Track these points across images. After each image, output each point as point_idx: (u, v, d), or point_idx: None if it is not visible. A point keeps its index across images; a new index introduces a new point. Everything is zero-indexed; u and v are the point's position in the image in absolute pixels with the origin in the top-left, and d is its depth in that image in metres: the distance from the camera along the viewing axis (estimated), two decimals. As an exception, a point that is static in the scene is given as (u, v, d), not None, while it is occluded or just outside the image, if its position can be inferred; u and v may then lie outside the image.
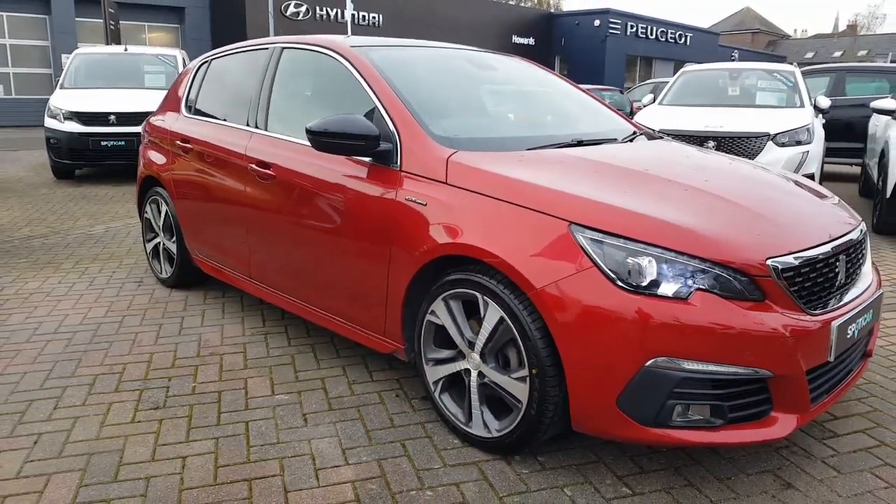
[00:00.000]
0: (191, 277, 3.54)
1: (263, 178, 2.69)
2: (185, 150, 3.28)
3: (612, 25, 25.32)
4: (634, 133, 2.81)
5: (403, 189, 2.14)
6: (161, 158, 3.52)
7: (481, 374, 1.97)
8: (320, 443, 2.05)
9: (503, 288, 1.84)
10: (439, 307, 2.04)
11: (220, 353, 2.76)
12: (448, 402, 2.10)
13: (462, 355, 2.02)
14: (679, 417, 1.70)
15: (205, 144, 3.12)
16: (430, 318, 2.08)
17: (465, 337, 2.00)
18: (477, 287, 1.91)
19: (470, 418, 2.01)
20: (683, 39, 28.73)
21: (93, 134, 7.16)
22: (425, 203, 2.06)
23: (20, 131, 14.70)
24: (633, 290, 1.67)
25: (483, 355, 1.95)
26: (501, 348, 1.92)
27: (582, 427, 1.80)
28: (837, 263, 1.93)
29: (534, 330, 1.77)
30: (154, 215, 3.66)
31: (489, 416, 1.97)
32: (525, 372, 1.82)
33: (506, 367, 1.93)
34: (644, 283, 1.68)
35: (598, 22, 25.35)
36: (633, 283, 1.68)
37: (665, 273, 1.68)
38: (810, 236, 1.90)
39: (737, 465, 1.96)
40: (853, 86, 8.38)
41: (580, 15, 26.58)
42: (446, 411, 2.09)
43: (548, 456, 1.98)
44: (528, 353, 1.79)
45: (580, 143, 2.43)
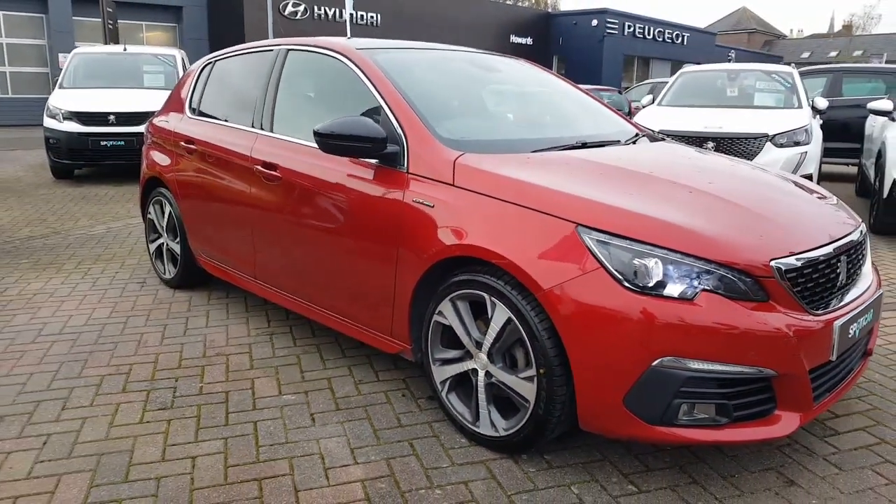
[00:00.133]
0: (194, 278, 3.55)
1: (269, 179, 2.70)
2: (189, 151, 3.29)
3: (609, 25, 25.38)
4: (637, 135, 2.83)
5: (410, 191, 2.16)
6: (165, 159, 3.53)
7: (489, 374, 1.99)
8: (329, 442, 2.07)
9: (511, 289, 1.86)
10: (446, 308, 2.06)
11: (225, 353, 2.78)
12: (455, 402, 2.12)
13: (469, 355, 2.05)
14: (685, 416, 1.72)
15: (209, 145, 3.14)
16: (437, 318, 2.10)
17: (473, 337, 2.02)
18: (484, 288, 1.93)
19: (477, 417, 2.04)
20: (680, 39, 28.81)
21: (92, 134, 7.16)
22: (433, 205, 2.08)
23: (17, 131, 14.64)
24: (639, 290, 1.70)
25: (490, 355, 1.97)
26: (509, 348, 1.94)
27: (589, 426, 1.83)
28: (839, 264, 1.96)
29: (541, 330, 1.80)
30: (157, 216, 3.67)
31: (496, 415, 1.99)
32: (532, 372, 1.84)
33: (513, 366, 1.95)
34: (650, 284, 1.70)
35: (595, 22, 25.41)
36: (640, 283, 1.70)
37: (671, 274, 1.71)
38: (812, 237, 1.92)
39: (740, 462, 1.99)
40: (850, 86, 8.43)
41: (578, 15, 26.63)
42: (453, 411, 2.11)
43: (554, 455, 2.01)
44: (536, 353, 1.82)
45: (584, 145, 2.45)
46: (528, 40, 25.54)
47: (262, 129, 2.87)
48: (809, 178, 5.35)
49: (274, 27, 16.19)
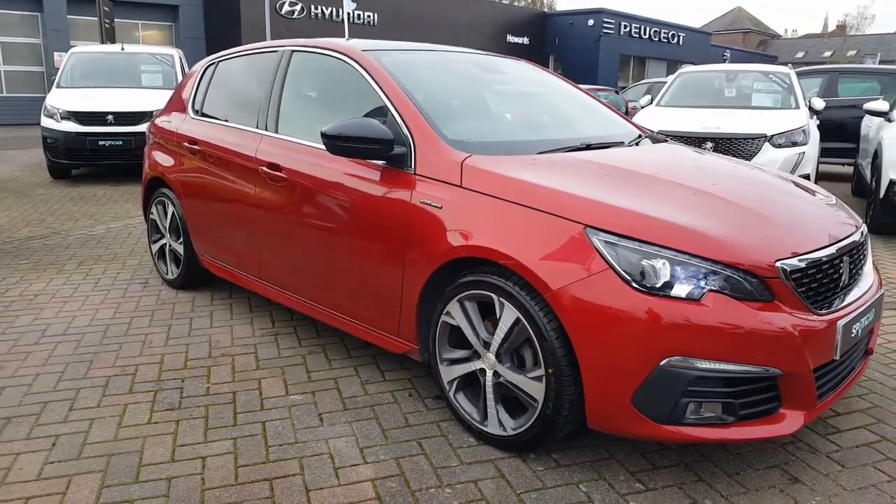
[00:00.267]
0: (197, 278, 3.56)
1: (274, 179, 2.71)
2: (192, 152, 3.29)
3: (605, 25, 25.43)
4: (639, 136, 2.86)
5: (418, 192, 2.17)
6: (167, 160, 3.53)
7: (497, 374, 2.01)
8: (337, 442, 2.08)
9: (519, 290, 1.88)
10: (454, 308, 2.08)
11: (231, 353, 2.79)
12: (463, 402, 2.14)
13: (477, 355, 2.06)
14: (692, 415, 1.75)
15: (213, 146, 3.14)
16: (445, 318, 2.12)
17: (481, 337, 2.04)
18: (492, 288, 1.95)
19: (485, 417, 2.05)
20: (676, 39, 28.90)
21: (90, 133, 7.13)
22: (440, 206, 2.10)
23: (12, 130, 14.56)
24: (647, 291, 1.72)
25: (499, 355, 1.99)
26: (517, 348, 1.96)
27: (597, 425, 1.85)
28: (841, 264, 1.99)
29: (550, 330, 1.81)
30: (160, 216, 3.67)
31: (504, 414, 2.01)
32: (541, 371, 1.86)
33: (521, 366, 1.97)
34: (658, 285, 1.72)
35: (591, 21, 25.45)
36: (648, 284, 1.73)
37: (678, 275, 1.73)
38: (815, 238, 1.95)
39: (745, 460, 2.01)
40: (845, 87, 8.49)
41: (574, 14, 26.68)
42: (461, 410, 2.13)
43: (562, 453, 2.03)
44: (545, 353, 1.84)
45: (588, 146, 2.47)
46: (525, 40, 25.56)
47: (266, 130, 2.88)
48: (807, 178, 5.39)
49: (272, 27, 16.15)
